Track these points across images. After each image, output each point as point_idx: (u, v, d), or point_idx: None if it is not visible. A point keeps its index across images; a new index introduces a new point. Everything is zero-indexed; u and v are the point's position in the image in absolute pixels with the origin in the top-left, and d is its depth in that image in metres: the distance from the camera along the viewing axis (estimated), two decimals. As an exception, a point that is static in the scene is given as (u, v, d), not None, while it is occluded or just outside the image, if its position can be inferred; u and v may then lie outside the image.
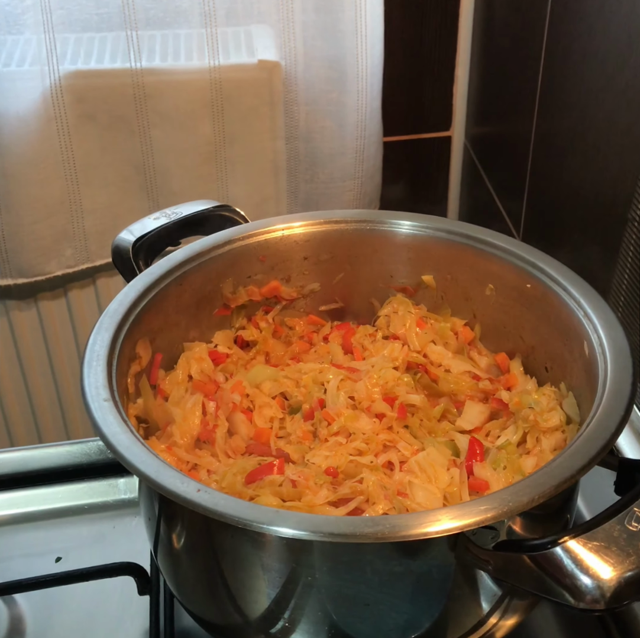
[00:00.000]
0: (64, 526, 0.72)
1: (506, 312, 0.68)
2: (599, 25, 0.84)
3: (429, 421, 0.63)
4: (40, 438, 1.35)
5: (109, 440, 0.50)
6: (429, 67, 1.29)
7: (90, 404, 0.52)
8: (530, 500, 0.45)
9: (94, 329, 0.58)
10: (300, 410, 0.63)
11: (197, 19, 1.10)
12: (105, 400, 0.53)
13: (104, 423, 0.51)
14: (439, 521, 0.45)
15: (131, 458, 0.49)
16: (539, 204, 1.09)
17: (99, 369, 0.55)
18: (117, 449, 0.49)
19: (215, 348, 0.69)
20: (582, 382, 0.59)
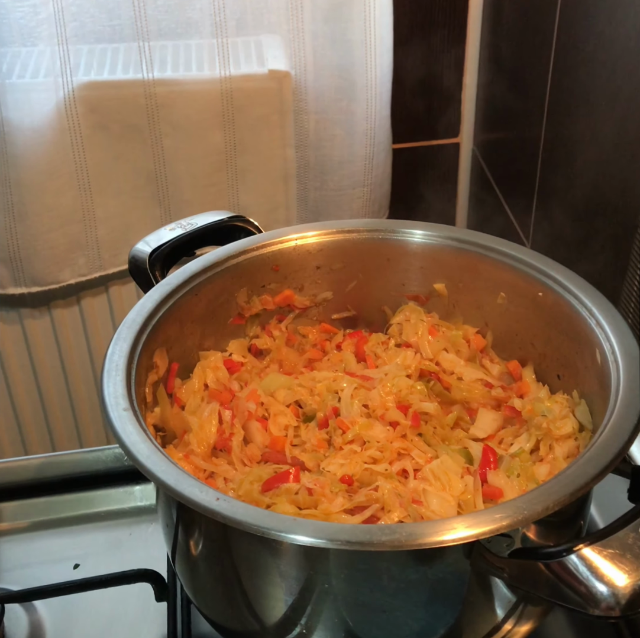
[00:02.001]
0: (81, 534, 0.73)
1: (518, 320, 0.68)
2: (607, 34, 0.85)
3: (442, 429, 0.63)
4: (53, 445, 1.37)
5: (129, 449, 0.51)
6: (437, 75, 1.30)
7: (110, 413, 0.53)
8: (544, 508, 0.46)
9: (113, 339, 0.59)
10: (315, 418, 0.64)
11: (208, 30, 1.11)
12: (124, 409, 0.54)
13: (124, 432, 0.52)
14: (455, 530, 0.45)
15: (151, 467, 0.49)
16: (548, 211, 1.09)
17: (118, 379, 0.56)
18: (137, 458, 0.50)
19: (230, 357, 0.70)
20: (594, 390, 0.59)
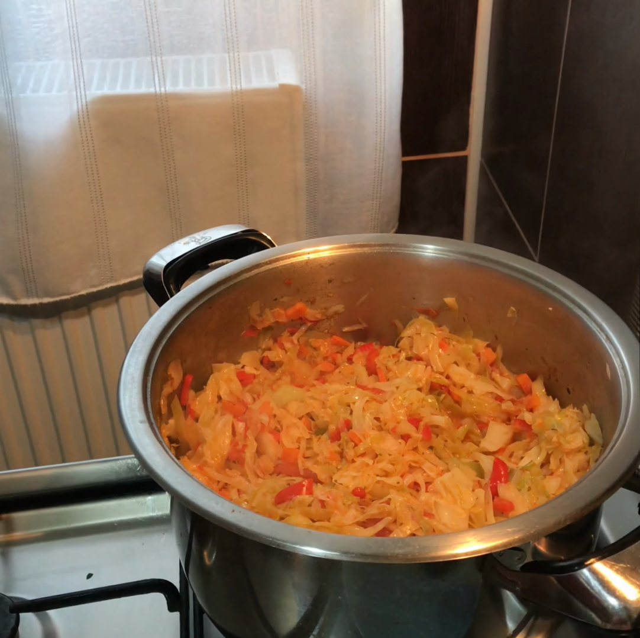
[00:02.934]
0: (95, 543, 0.74)
1: (528, 334, 0.69)
2: (615, 51, 0.86)
3: (453, 442, 0.64)
4: (63, 455, 1.37)
5: (145, 461, 0.51)
6: (446, 88, 1.31)
7: (127, 426, 0.54)
8: (556, 522, 0.46)
9: (129, 352, 0.60)
10: (327, 431, 0.65)
11: (220, 45, 1.12)
12: (141, 421, 0.55)
13: (140, 444, 0.53)
14: (467, 543, 0.46)
15: (168, 479, 0.50)
16: (556, 224, 1.10)
17: (134, 392, 0.57)
18: (154, 470, 0.51)
19: (242, 369, 0.71)
20: (604, 404, 0.60)
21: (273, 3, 1.11)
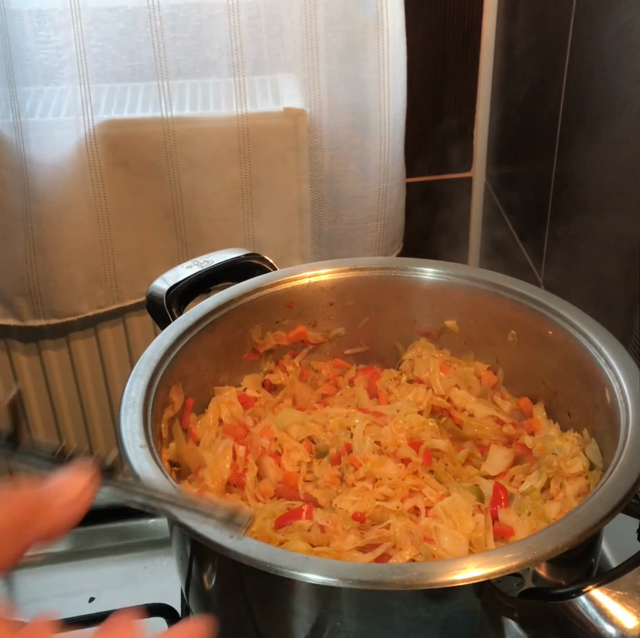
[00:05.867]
0: (97, 567, 0.74)
1: (528, 357, 0.69)
2: (616, 74, 0.87)
3: (454, 466, 0.64)
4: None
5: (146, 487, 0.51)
6: (449, 110, 1.32)
7: (127, 450, 0.54)
8: (554, 548, 0.46)
9: (130, 376, 0.60)
10: (328, 454, 0.65)
11: (226, 69, 1.14)
12: (141, 446, 0.55)
13: (140, 469, 0.53)
14: (466, 569, 0.46)
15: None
16: (561, 246, 1.10)
17: (135, 416, 0.57)
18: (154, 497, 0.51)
19: (244, 392, 0.71)
20: (604, 428, 0.60)
21: (278, 29, 1.12)
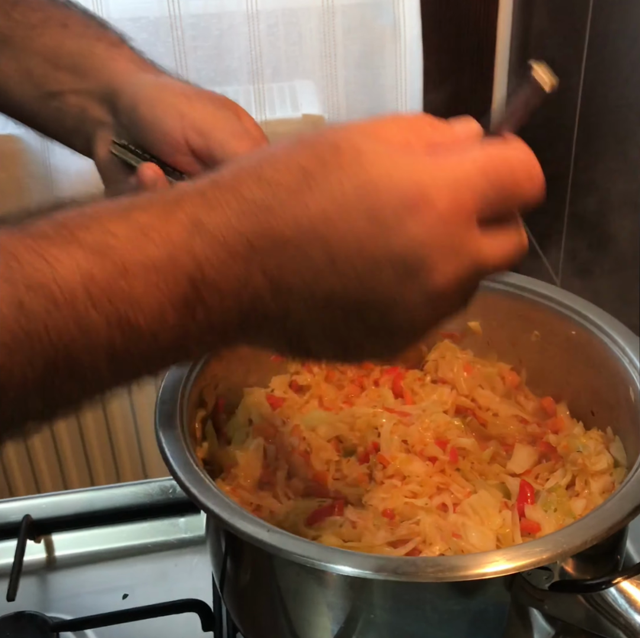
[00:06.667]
0: (130, 565, 0.75)
1: (552, 357, 0.70)
2: (635, 81, 0.88)
3: (479, 464, 0.65)
4: (91, 479, 1.40)
5: (185, 484, 0.53)
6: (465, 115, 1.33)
7: (165, 450, 0.56)
8: (583, 542, 0.48)
9: (165, 379, 0.62)
10: (355, 453, 0.67)
11: (245, 77, 1.16)
12: (178, 445, 0.57)
13: (178, 468, 0.54)
14: (497, 562, 0.47)
15: (206, 501, 0.52)
16: (577, 247, 1.12)
17: (172, 417, 0.59)
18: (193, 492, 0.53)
19: (272, 393, 0.73)
20: (628, 426, 0.61)
21: (297, 36, 1.14)
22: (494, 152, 0.41)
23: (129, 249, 0.36)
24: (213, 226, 0.37)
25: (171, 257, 0.36)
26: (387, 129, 0.40)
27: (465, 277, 0.41)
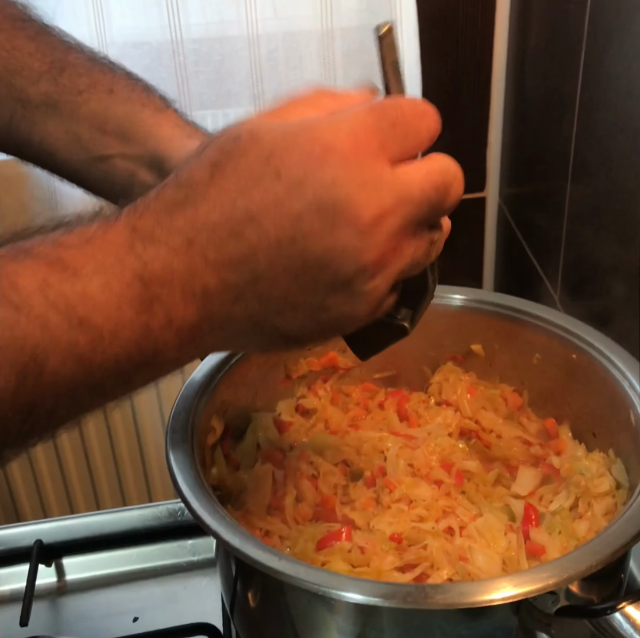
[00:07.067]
0: (139, 588, 0.76)
1: (553, 379, 0.71)
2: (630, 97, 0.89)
3: (484, 486, 0.66)
4: (97, 503, 1.41)
5: (195, 512, 0.54)
6: (463, 132, 1.35)
7: (176, 476, 0.57)
8: (588, 567, 0.49)
9: (175, 405, 0.63)
10: (362, 477, 0.68)
11: (247, 101, 1.18)
12: (188, 472, 0.58)
13: (189, 495, 0.56)
14: (504, 588, 0.48)
15: (217, 528, 0.53)
16: (576, 267, 1.13)
17: (182, 446, 0.60)
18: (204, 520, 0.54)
19: (279, 417, 0.74)
20: (629, 448, 0.62)
21: (297, 61, 1.16)
22: (384, 100, 0.45)
23: (78, 256, 0.39)
24: (147, 229, 0.40)
25: (117, 258, 0.39)
26: (284, 109, 0.44)
27: (391, 208, 0.40)
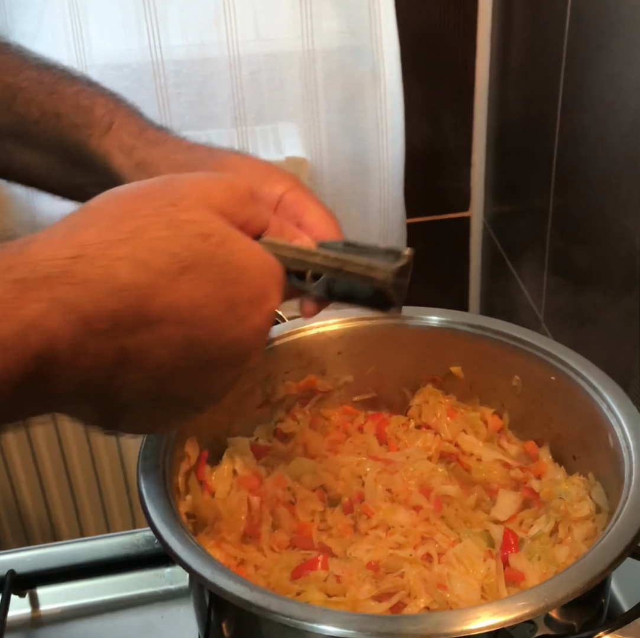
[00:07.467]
0: (116, 618, 0.75)
1: (532, 402, 0.71)
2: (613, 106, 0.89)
3: (463, 511, 0.65)
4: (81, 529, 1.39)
5: (165, 542, 0.53)
6: (446, 154, 1.36)
7: (147, 506, 0.56)
8: (565, 595, 0.48)
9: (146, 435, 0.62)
10: (340, 503, 0.67)
11: (229, 122, 1.18)
12: (159, 500, 0.57)
13: (159, 525, 0.54)
14: (480, 618, 0.47)
15: (187, 560, 0.52)
16: (560, 284, 1.13)
17: (153, 472, 0.59)
18: (173, 550, 0.53)
19: (256, 442, 0.73)
20: (608, 472, 0.62)
21: (279, 82, 1.16)
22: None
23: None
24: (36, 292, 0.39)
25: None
26: (128, 188, 0.45)
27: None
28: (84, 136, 0.59)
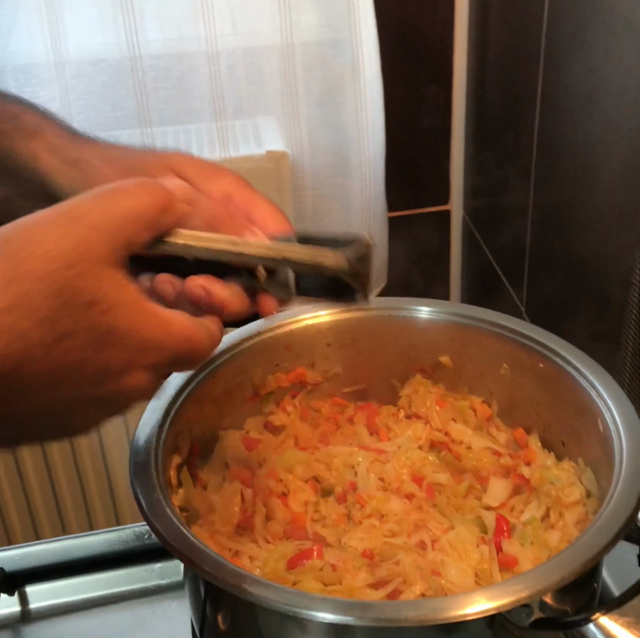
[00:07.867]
0: (107, 614, 0.74)
1: (521, 389, 0.72)
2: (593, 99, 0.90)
3: (455, 499, 0.66)
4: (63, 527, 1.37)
5: (162, 534, 0.53)
6: (426, 148, 1.36)
7: (141, 499, 0.55)
8: (561, 578, 0.49)
9: (138, 427, 0.62)
10: (333, 493, 0.67)
11: (208, 116, 1.17)
12: (153, 494, 0.56)
13: (154, 517, 0.54)
14: (477, 603, 0.48)
15: (184, 551, 0.52)
16: (540, 275, 1.14)
17: (146, 466, 0.58)
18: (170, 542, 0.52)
19: (247, 435, 0.73)
20: (598, 457, 0.62)
21: (258, 75, 1.16)
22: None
23: None
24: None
25: None
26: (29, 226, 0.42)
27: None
28: (10, 140, 0.56)
